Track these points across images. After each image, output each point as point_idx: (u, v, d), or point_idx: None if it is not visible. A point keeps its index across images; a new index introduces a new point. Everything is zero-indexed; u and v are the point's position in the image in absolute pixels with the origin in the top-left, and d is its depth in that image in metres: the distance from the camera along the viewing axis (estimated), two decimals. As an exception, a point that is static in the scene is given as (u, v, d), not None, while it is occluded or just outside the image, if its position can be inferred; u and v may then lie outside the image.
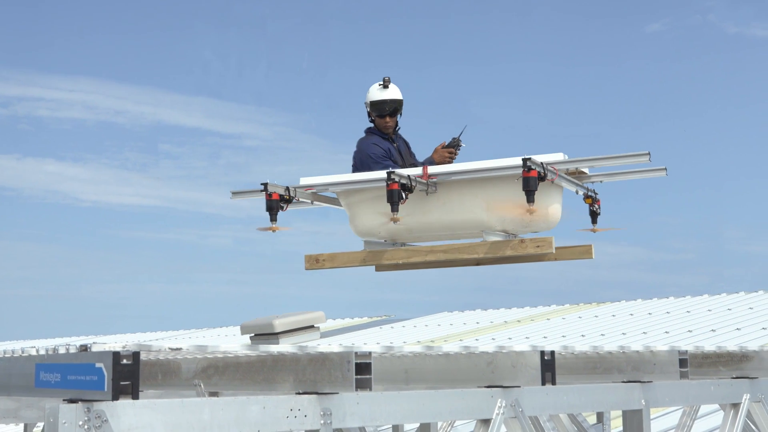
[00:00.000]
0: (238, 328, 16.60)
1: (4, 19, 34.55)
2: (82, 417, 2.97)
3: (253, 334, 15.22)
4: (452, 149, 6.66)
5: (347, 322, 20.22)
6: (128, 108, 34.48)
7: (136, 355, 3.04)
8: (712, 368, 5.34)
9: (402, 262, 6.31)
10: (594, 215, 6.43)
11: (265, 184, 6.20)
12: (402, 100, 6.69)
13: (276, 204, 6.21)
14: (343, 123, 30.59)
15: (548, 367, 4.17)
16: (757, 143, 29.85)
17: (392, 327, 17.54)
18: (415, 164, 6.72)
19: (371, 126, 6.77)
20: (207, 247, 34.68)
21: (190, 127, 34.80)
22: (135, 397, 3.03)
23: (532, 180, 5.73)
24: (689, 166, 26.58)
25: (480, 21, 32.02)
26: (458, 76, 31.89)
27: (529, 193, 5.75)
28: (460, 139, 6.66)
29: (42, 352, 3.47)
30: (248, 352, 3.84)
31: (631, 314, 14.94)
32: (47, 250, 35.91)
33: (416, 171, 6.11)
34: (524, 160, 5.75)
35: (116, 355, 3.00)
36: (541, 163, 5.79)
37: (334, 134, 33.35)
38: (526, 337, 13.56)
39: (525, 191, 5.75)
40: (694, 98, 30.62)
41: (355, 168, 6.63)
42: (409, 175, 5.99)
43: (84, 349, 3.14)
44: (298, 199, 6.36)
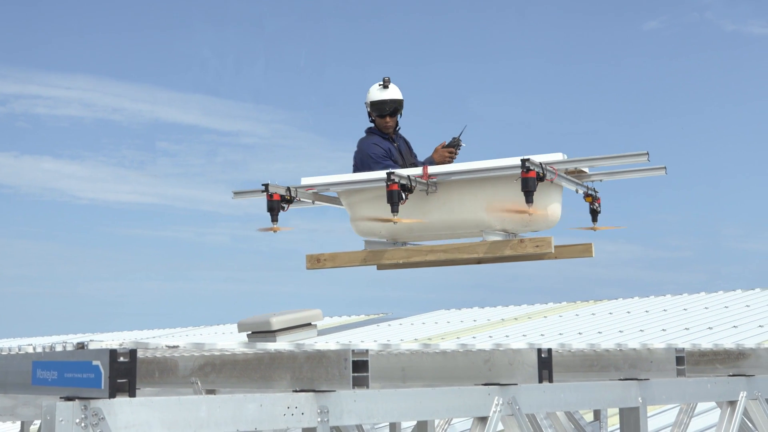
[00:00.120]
0: (236, 325, 16.60)
1: (2, 17, 34.53)
2: (79, 415, 2.97)
3: (250, 332, 15.23)
4: (452, 149, 6.67)
5: (344, 319, 20.22)
6: (125, 106, 34.49)
7: (133, 353, 3.04)
8: (708, 366, 5.35)
9: (402, 261, 6.32)
10: (594, 213, 6.43)
11: (266, 185, 6.19)
12: (402, 100, 6.71)
13: (277, 204, 6.20)
14: (341, 120, 30.61)
15: (545, 364, 4.17)
16: (755, 141, 29.90)
17: (389, 325, 17.54)
18: (415, 164, 6.74)
19: (372, 126, 6.78)
20: (204, 245, 34.69)
21: (187, 124, 34.79)
22: (132, 394, 3.04)
23: (530, 180, 5.73)
24: (687, 164, 26.62)
25: (478, 18, 32.03)
26: (456, 73, 31.90)
27: (528, 194, 5.75)
28: (460, 138, 6.67)
29: (39, 350, 3.47)
30: (245, 350, 3.84)
31: (628, 312, 14.95)
32: (44, 248, 35.91)
33: (416, 171, 6.11)
34: (523, 161, 5.75)
35: (113, 353, 3.00)
36: (540, 164, 5.79)
37: (332, 132, 33.37)
38: (523, 335, 13.56)
39: (524, 192, 5.75)
40: (692, 96, 30.65)
41: (356, 168, 6.65)
42: (408, 176, 5.99)
43: (81, 346, 3.14)
44: (299, 199, 6.36)
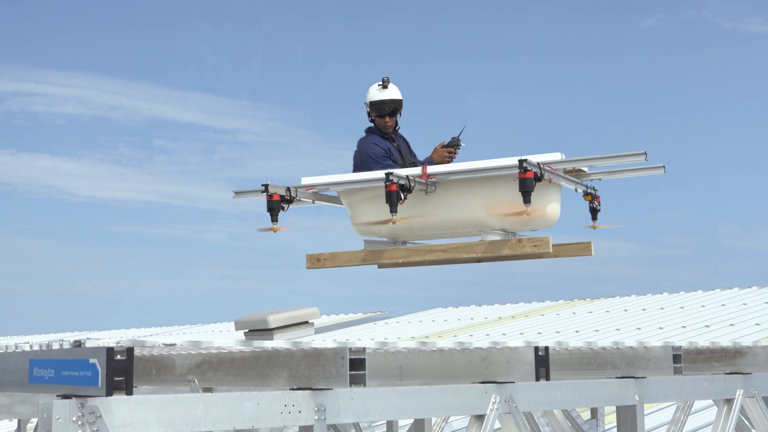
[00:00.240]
0: (233, 323, 16.60)
1: (-1, 15, 34.47)
2: (75, 413, 2.97)
3: (247, 330, 15.24)
4: (451, 149, 6.69)
5: (341, 317, 20.22)
6: (123, 103, 34.43)
7: (130, 351, 3.04)
8: (705, 364, 5.35)
9: (402, 261, 6.34)
10: (594, 212, 6.44)
11: (266, 185, 6.18)
12: (401, 100, 6.72)
13: (277, 205, 6.20)
14: (338, 118, 30.60)
15: (542, 362, 4.17)
16: (752, 138, 29.90)
17: (386, 323, 17.54)
18: (415, 163, 6.76)
19: (371, 126, 6.79)
20: (202, 243, 34.65)
21: (184, 122, 34.75)
22: (129, 392, 3.03)
23: (528, 181, 5.74)
24: (684, 162, 26.60)
25: (475, 16, 32.02)
26: (454, 71, 31.88)
27: (526, 194, 5.76)
28: (460, 138, 6.68)
29: (36, 348, 3.47)
30: (242, 348, 3.84)
31: (625, 310, 14.95)
32: (42, 246, 35.87)
33: (415, 171, 6.12)
34: (520, 161, 5.75)
35: (110, 351, 3.00)
36: (538, 164, 5.79)
37: (329, 129, 33.35)
38: (521, 333, 13.57)
39: (521, 192, 5.75)
40: (689, 94, 30.65)
41: (356, 168, 6.67)
42: (407, 176, 6.00)
43: (78, 344, 3.13)
44: (299, 199, 6.37)
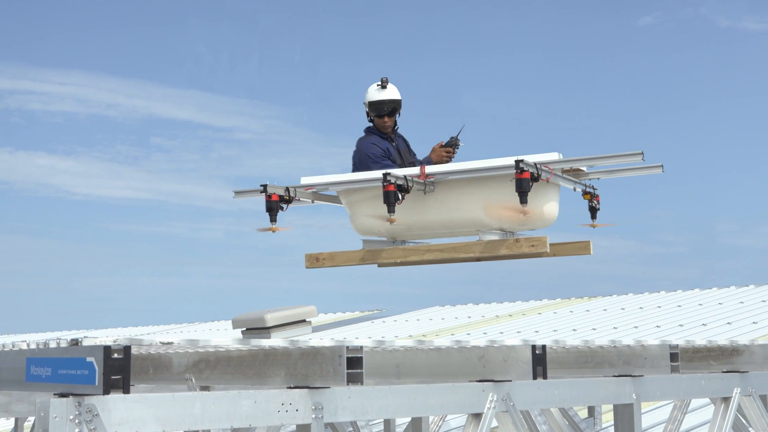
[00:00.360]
0: (230, 322, 16.59)
1: (-5, 13, 34.42)
2: (72, 411, 2.96)
3: (244, 329, 15.23)
4: (450, 148, 6.70)
5: (339, 316, 20.21)
6: (120, 101, 34.37)
7: (127, 350, 3.03)
8: (703, 362, 5.35)
9: (400, 261, 6.36)
10: (593, 211, 6.45)
11: (265, 186, 6.18)
12: (400, 100, 6.74)
13: (276, 205, 6.21)
14: (335, 116, 30.60)
15: (539, 361, 4.17)
16: (749, 136, 29.91)
17: (384, 321, 17.53)
18: (414, 163, 6.77)
19: (370, 126, 6.81)
20: (199, 241, 34.61)
21: (182, 120, 34.70)
22: (126, 391, 3.03)
23: (524, 181, 5.74)
24: (681, 159, 26.57)
25: (472, 14, 32.00)
26: (450, 69, 31.87)
27: (522, 195, 5.76)
28: (458, 138, 6.69)
29: (33, 346, 3.47)
30: (240, 347, 3.84)
31: (623, 308, 14.96)
32: (39, 244, 35.83)
33: (413, 171, 6.13)
34: (516, 162, 5.75)
35: (107, 350, 3.00)
36: (535, 164, 5.79)
37: (326, 127, 33.34)
38: (518, 332, 13.57)
39: (518, 192, 5.76)
40: (686, 91, 30.64)
41: (355, 167, 6.69)
42: (405, 176, 6.01)
43: (75, 343, 3.13)
44: (298, 199, 6.37)
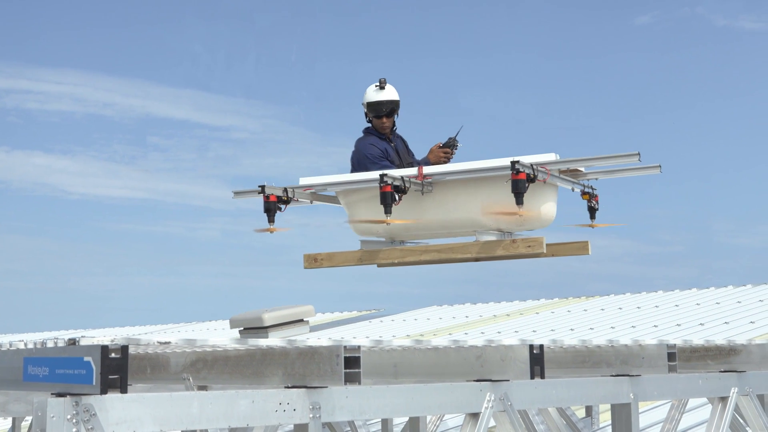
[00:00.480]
0: (227, 321, 16.58)
1: (-8, 12, 34.38)
2: (70, 411, 2.96)
3: (242, 328, 15.21)
4: (448, 149, 6.71)
5: (336, 315, 20.20)
6: (116, 100, 34.31)
7: (124, 349, 3.03)
8: (700, 362, 5.36)
9: (398, 261, 6.36)
10: (592, 211, 6.45)
11: (263, 186, 6.17)
12: (399, 101, 6.74)
13: (274, 206, 6.20)
14: (332, 115, 30.56)
15: (537, 360, 4.17)
16: (746, 136, 29.90)
17: (381, 321, 17.53)
18: (412, 163, 6.77)
19: (369, 126, 6.81)
20: (196, 240, 34.56)
21: (178, 119, 34.64)
22: (123, 390, 3.03)
23: (520, 183, 5.74)
24: (678, 159, 26.56)
25: (468, 13, 31.98)
26: (447, 68, 31.85)
27: (518, 196, 5.76)
28: (456, 138, 6.70)
29: (30, 346, 3.47)
30: (237, 346, 3.84)
31: (620, 308, 14.96)
32: (35, 243, 35.77)
33: (411, 172, 6.13)
34: (512, 163, 5.75)
35: (105, 349, 2.99)
36: (531, 165, 5.79)
37: (323, 127, 33.31)
38: (516, 331, 13.57)
39: (514, 193, 5.75)
40: (683, 91, 30.63)
41: (353, 168, 6.70)
42: (402, 177, 6.00)
43: (72, 342, 3.13)
44: (296, 200, 6.37)
